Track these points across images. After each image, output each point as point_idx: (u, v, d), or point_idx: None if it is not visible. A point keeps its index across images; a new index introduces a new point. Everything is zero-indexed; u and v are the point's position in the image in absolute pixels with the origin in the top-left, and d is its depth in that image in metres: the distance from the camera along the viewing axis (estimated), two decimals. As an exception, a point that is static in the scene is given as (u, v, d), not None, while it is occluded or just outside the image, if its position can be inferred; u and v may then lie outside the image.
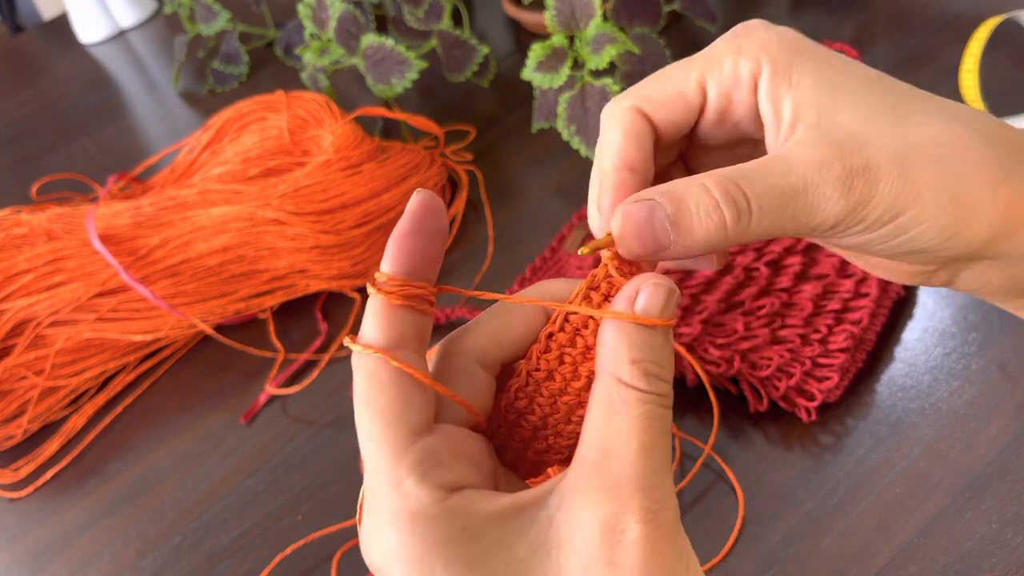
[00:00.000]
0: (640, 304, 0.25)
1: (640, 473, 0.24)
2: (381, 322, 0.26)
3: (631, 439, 0.24)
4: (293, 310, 0.69)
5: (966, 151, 0.26)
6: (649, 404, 0.25)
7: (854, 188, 0.26)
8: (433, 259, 0.27)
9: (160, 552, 0.56)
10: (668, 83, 0.29)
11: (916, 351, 0.53)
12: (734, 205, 0.26)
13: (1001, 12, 0.67)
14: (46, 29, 1.22)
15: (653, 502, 0.23)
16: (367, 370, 0.25)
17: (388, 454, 0.24)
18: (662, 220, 0.26)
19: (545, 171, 0.74)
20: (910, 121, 0.27)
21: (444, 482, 0.24)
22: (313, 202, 0.68)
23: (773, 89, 0.28)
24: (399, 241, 0.26)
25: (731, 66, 0.28)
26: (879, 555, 0.45)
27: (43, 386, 0.64)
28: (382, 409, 0.25)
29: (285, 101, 0.76)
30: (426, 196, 0.26)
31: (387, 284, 0.26)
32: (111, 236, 0.67)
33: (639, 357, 0.25)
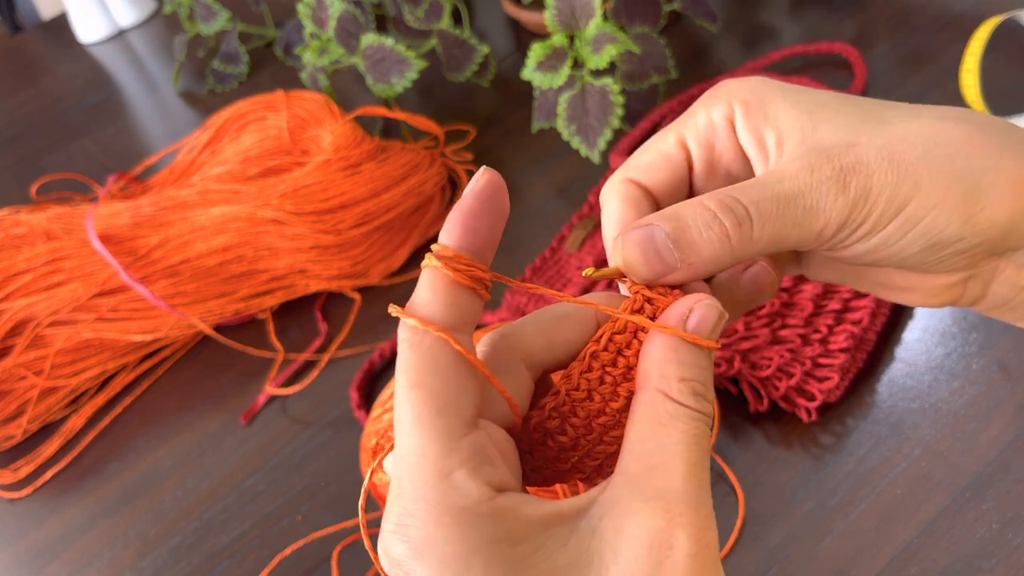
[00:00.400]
0: (692, 323, 0.25)
1: (689, 489, 0.23)
2: (443, 299, 0.25)
3: (678, 453, 0.24)
4: (293, 310, 0.69)
5: (955, 134, 0.26)
6: (696, 421, 0.24)
7: (848, 184, 0.26)
8: (495, 243, 0.26)
9: (160, 552, 0.56)
10: (651, 149, 0.30)
11: (916, 351, 0.53)
12: (732, 213, 0.26)
13: (1001, 12, 0.67)
14: (45, 29, 1.22)
15: (702, 520, 0.23)
16: (424, 348, 0.24)
17: (438, 442, 0.23)
18: (663, 240, 0.26)
19: (545, 171, 0.74)
20: (890, 123, 0.27)
21: (493, 481, 0.23)
22: (313, 202, 0.68)
23: (751, 126, 0.28)
24: (466, 219, 0.25)
25: (704, 117, 0.29)
26: (879, 555, 0.45)
27: (42, 386, 0.64)
28: (436, 393, 0.24)
29: (285, 101, 0.76)
30: (493, 175, 0.25)
31: (454, 260, 0.25)
32: (111, 236, 0.67)
33: (687, 376, 0.25)
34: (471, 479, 0.23)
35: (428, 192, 0.72)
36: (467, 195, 0.25)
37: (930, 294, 0.30)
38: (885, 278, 0.31)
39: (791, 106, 0.28)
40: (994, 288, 0.29)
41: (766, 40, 0.80)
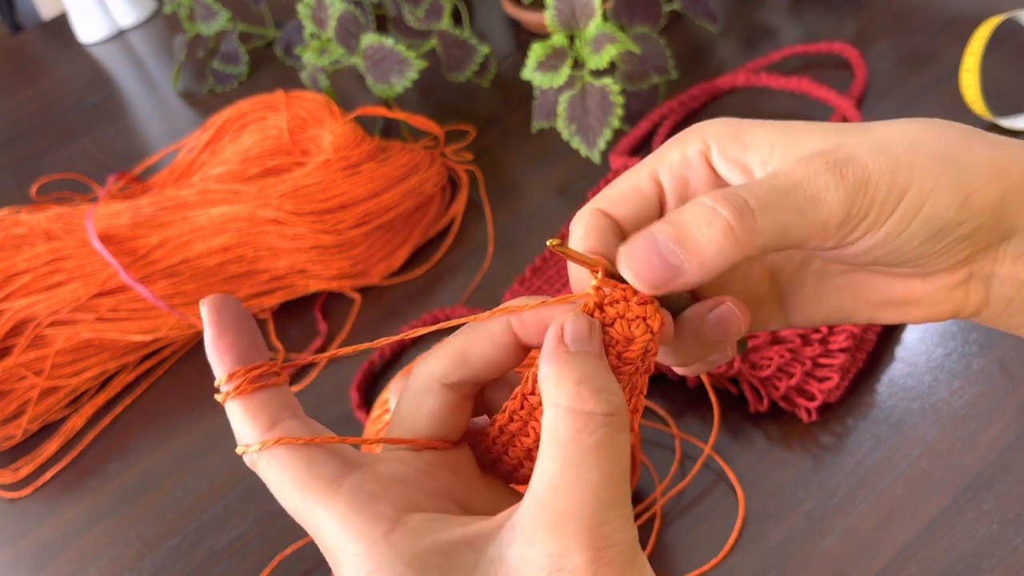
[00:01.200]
0: (568, 334, 0.25)
1: (588, 511, 0.23)
2: (247, 418, 0.27)
3: (579, 476, 0.23)
4: (293, 310, 0.69)
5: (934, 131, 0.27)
6: (600, 432, 0.24)
7: (845, 173, 0.26)
8: (252, 341, 0.27)
9: (160, 552, 0.56)
10: (623, 182, 0.30)
11: (917, 351, 0.53)
12: (731, 205, 0.25)
13: (1001, 12, 0.67)
14: (45, 29, 1.22)
15: (600, 540, 0.23)
16: (264, 463, 0.26)
17: (319, 508, 0.25)
18: (666, 244, 0.26)
19: (545, 171, 0.74)
20: (871, 129, 0.28)
21: (385, 511, 0.24)
22: (313, 202, 0.68)
23: (728, 155, 0.28)
24: (215, 347, 0.27)
25: (678, 153, 0.29)
26: (879, 555, 0.45)
27: (43, 386, 0.64)
28: (296, 481, 0.25)
29: (285, 101, 0.76)
30: (213, 300, 0.27)
31: (230, 382, 0.27)
32: (111, 236, 0.67)
33: (582, 376, 0.24)
34: (360, 519, 0.24)
35: (428, 192, 0.72)
36: (205, 328, 0.27)
37: (933, 303, 0.30)
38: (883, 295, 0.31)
39: (768, 133, 0.28)
40: (996, 287, 0.29)
41: (766, 40, 0.80)
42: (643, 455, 0.52)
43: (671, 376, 0.55)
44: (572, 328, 0.26)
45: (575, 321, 0.26)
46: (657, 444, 0.53)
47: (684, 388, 0.55)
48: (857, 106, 0.70)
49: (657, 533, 0.49)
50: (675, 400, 0.54)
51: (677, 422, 0.53)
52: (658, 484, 0.51)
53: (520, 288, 0.62)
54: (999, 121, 0.63)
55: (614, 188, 0.30)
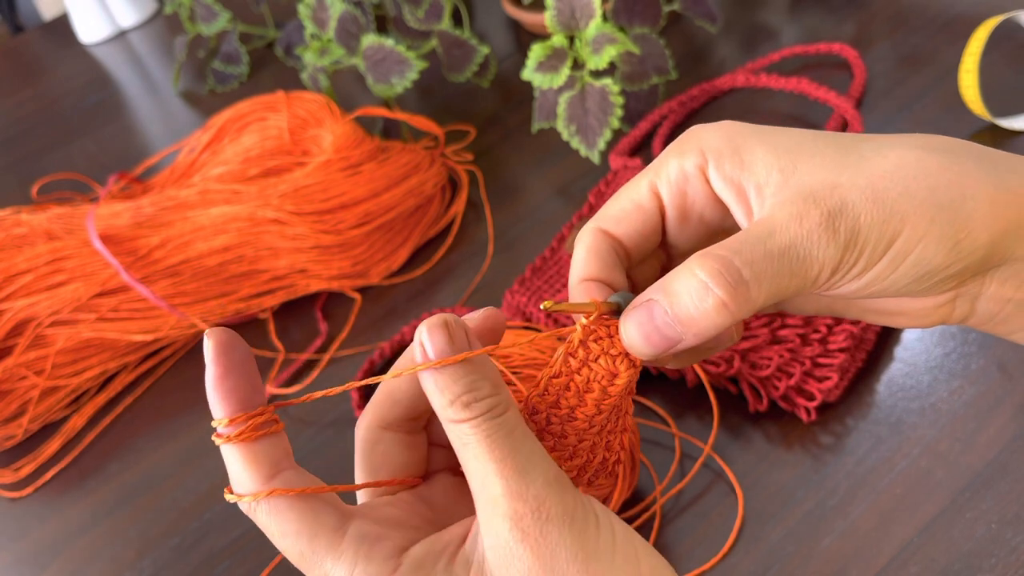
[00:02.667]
0: (431, 351, 0.27)
1: (507, 485, 0.25)
2: (247, 465, 0.27)
3: (485, 462, 0.26)
4: (293, 310, 0.69)
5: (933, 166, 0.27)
6: (483, 424, 0.26)
7: (838, 229, 0.26)
8: (255, 384, 0.27)
9: (160, 552, 0.56)
10: (623, 197, 0.31)
11: (916, 351, 0.53)
12: (725, 280, 0.26)
13: (1001, 12, 0.67)
14: (46, 29, 1.22)
15: (528, 503, 0.25)
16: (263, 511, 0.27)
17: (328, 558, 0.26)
18: (663, 317, 0.27)
19: (545, 171, 0.75)
20: (868, 158, 0.27)
21: (389, 551, 0.26)
22: (313, 202, 0.68)
23: (725, 174, 0.29)
24: (217, 386, 0.27)
25: (676, 166, 0.30)
26: (879, 555, 0.45)
27: (43, 386, 0.64)
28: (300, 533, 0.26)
29: (285, 101, 0.76)
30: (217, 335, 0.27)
31: (231, 427, 0.27)
32: (111, 236, 0.67)
33: (451, 397, 0.26)
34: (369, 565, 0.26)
35: (428, 192, 0.72)
36: (207, 364, 0.27)
37: (919, 316, 0.31)
38: (874, 305, 0.32)
39: (766, 149, 0.28)
40: (981, 304, 0.30)
41: (766, 40, 0.80)
42: (642, 455, 0.52)
43: (671, 376, 0.55)
44: (432, 346, 0.27)
45: (431, 336, 0.27)
46: (657, 444, 0.53)
47: (684, 388, 0.55)
48: (856, 107, 0.70)
49: (657, 532, 0.49)
50: (675, 400, 0.54)
51: (677, 422, 0.53)
52: (657, 484, 0.51)
53: (520, 288, 0.62)
54: (998, 121, 0.64)
55: (615, 206, 0.31)
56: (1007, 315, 0.30)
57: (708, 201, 0.30)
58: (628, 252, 0.31)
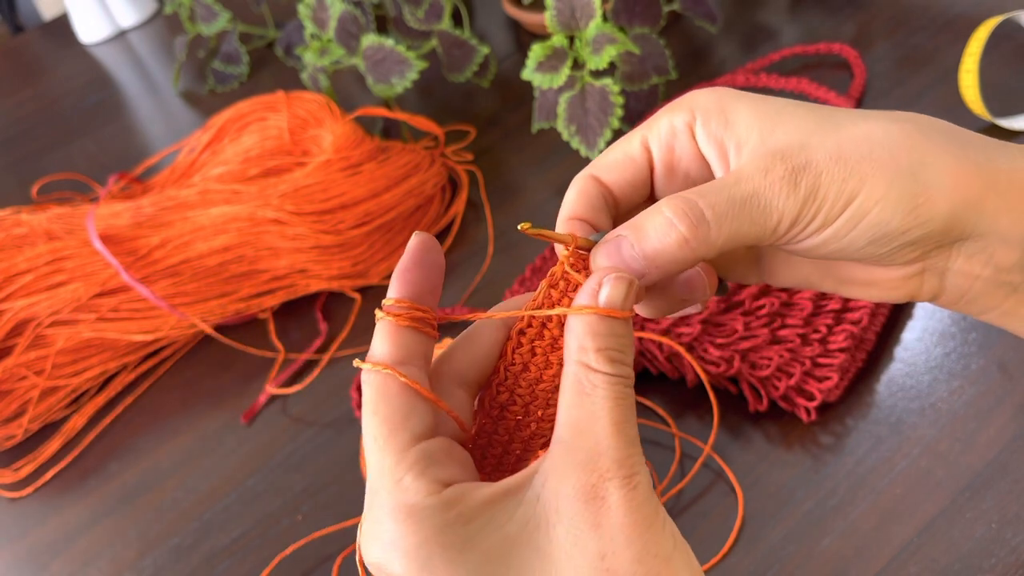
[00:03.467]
0: (603, 296, 0.28)
1: (614, 445, 0.26)
2: (388, 341, 0.29)
3: (602, 417, 0.26)
4: (293, 310, 0.69)
5: (899, 135, 0.29)
6: (616, 385, 0.27)
7: (799, 183, 0.28)
8: (434, 289, 0.30)
9: (160, 552, 0.56)
10: (616, 149, 0.33)
11: (916, 351, 0.53)
12: (688, 218, 0.28)
13: (1001, 12, 0.67)
14: (46, 29, 1.22)
15: (628, 469, 0.26)
16: (375, 383, 0.28)
17: (391, 455, 0.27)
18: (629, 250, 0.29)
19: (545, 171, 0.75)
20: (843, 126, 0.29)
21: (440, 478, 0.27)
22: (313, 202, 0.68)
23: (710, 131, 0.31)
24: (402, 274, 0.29)
25: (667, 122, 0.32)
26: (879, 555, 0.45)
27: (43, 386, 0.64)
28: (387, 417, 0.27)
29: (285, 101, 0.76)
30: (424, 236, 0.30)
31: (394, 307, 0.29)
32: (111, 236, 0.67)
33: (603, 345, 0.27)
34: (418, 480, 0.26)
35: (428, 192, 0.72)
36: (404, 255, 0.30)
37: (889, 287, 0.32)
38: (846, 274, 0.33)
39: (750, 112, 0.30)
40: (950, 279, 0.31)
41: (766, 41, 0.80)
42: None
43: (671, 376, 0.55)
44: (609, 291, 0.28)
45: (615, 285, 0.28)
46: (657, 443, 0.53)
47: (684, 388, 0.55)
48: (856, 107, 0.70)
49: (657, 533, 0.49)
50: (675, 400, 0.54)
51: (676, 422, 0.53)
52: (657, 484, 0.51)
53: (520, 288, 0.62)
54: (998, 121, 0.64)
55: (608, 156, 0.33)
56: (977, 293, 0.31)
57: (693, 158, 0.32)
58: (616, 200, 0.33)
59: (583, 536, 0.25)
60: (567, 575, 0.25)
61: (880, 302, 0.42)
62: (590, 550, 0.25)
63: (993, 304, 0.31)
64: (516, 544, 0.26)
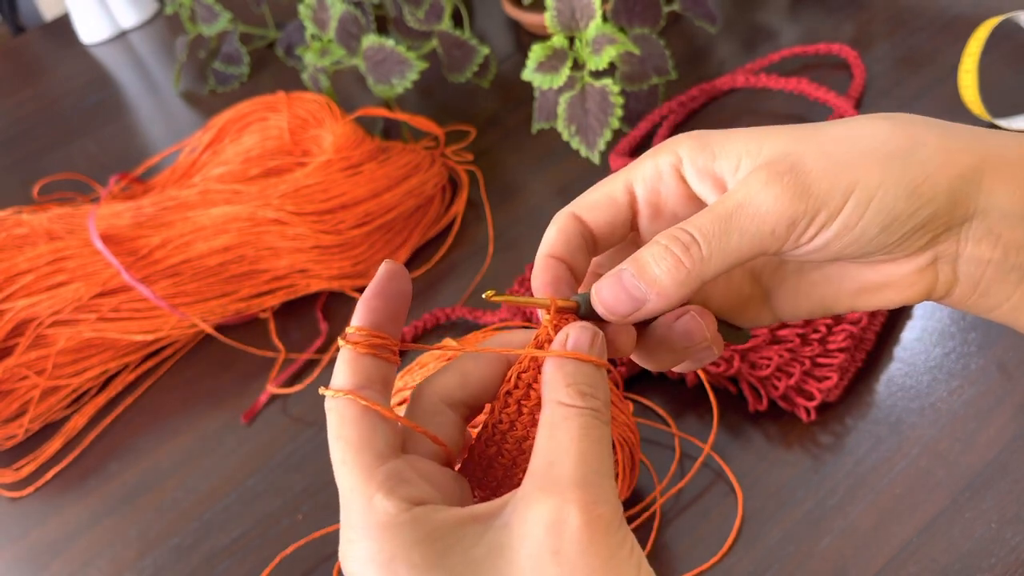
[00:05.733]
0: (570, 343, 0.30)
1: (578, 474, 0.27)
2: (348, 368, 0.30)
3: (569, 447, 0.27)
4: (294, 310, 0.69)
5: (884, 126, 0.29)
6: (584, 417, 0.28)
7: (785, 183, 0.29)
8: (396, 317, 0.31)
9: (160, 552, 0.56)
10: (599, 190, 0.33)
11: (915, 351, 0.53)
12: (678, 242, 0.29)
13: (1000, 12, 0.67)
14: (47, 29, 1.23)
15: (589, 496, 0.26)
16: (338, 409, 0.29)
17: (359, 475, 0.28)
18: (630, 279, 0.30)
19: (545, 171, 0.75)
20: (825, 130, 0.30)
21: (409, 497, 0.27)
22: (314, 202, 0.68)
23: (699, 168, 0.31)
24: (366, 302, 0.30)
25: (652, 165, 0.32)
26: (878, 555, 0.45)
27: (44, 386, 0.64)
28: (351, 439, 0.28)
29: (286, 101, 0.76)
30: (392, 264, 0.31)
31: (354, 335, 0.30)
32: (112, 236, 0.67)
33: (571, 381, 0.29)
34: (388, 498, 0.27)
35: (428, 192, 0.72)
36: (370, 283, 0.31)
37: (905, 285, 0.32)
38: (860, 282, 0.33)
39: (735, 140, 0.31)
40: (963, 268, 0.31)
41: (765, 41, 0.81)
42: (642, 454, 0.52)
43: (671, 376, 0.55)
44: (574, 338, 0.30)
45: (578, 332, 0.30)
46: (656, 443, 0.53)
47: (683, 388, 0.55)
48: (856, 107, 0.70)
49: (656, 532, 0.49)
50: (674, 400, 0.54)
51: (676, 421, 0.53)
52: (657, 483, 0.51)
53: (520, 288, 0.62)
54: (998, 122, 0.64)
55: (590, 196, 0.33)
56: (989, 281, 0.31)
57: (680, 198, 0.32)
58: (596, 240, 0.33)
59: (543, 562, 0.26)
60: None
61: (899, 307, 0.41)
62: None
63: (1005, 295, 0.31)
64: (480, 567, 0.26)
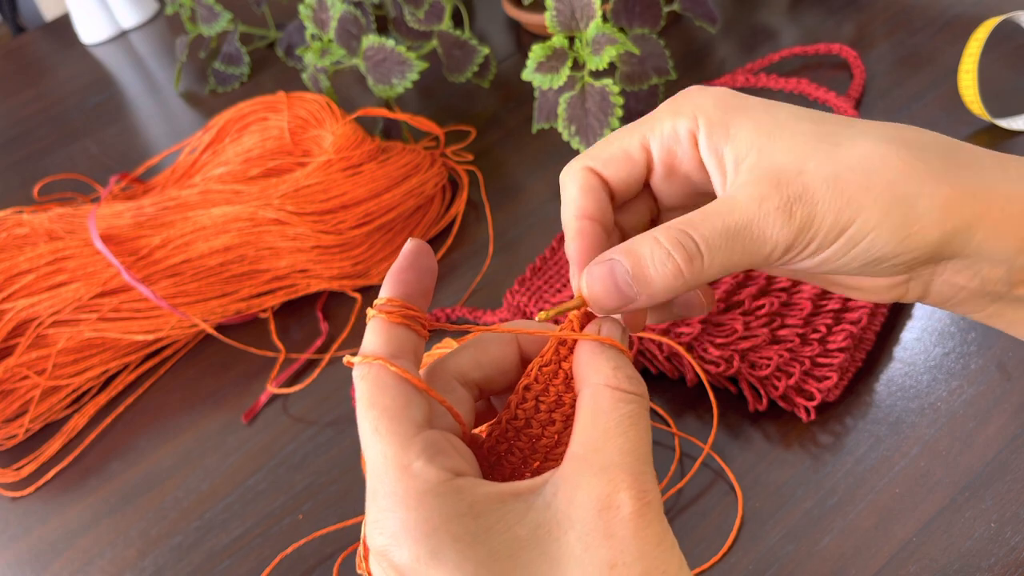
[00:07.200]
0: (604, 332, 0.30)
1: (628, 462, 0.26)
2: (381, 337, 0.29)
3: (618, 436, 0.27)
4: (294, 310, 0.69)
5: (896, 161, 0.29)
6: (632, 404, 0.28)
7: (795, 213, 0.28)
8: (425, 292, 0.30)
9: (161, 551, 0.56)
10: (614, 144, 0.33)
11: (915, 351, 0.53)
12: (683, 249, 0.29)
13: (1000, 12, 0.67)
14: (48, 30, 1.23)
15: (640, 482, 0.26)
16: (371, 376, 0.28)
17: (396, 444, 0.26)
18: (623, 275, 0.29)
19: (545, 171, 0.75)
20: (842, 145, 0.29)
21: (448, 467, 0.26)
22: (314, 202, 0.68)
23: (712, 143, 0.31)
24: (396, 274, 0.30)
25: (670, 126, 0.31)
26: (878, 554, 0.45)
27: (45, 386, 0.65)
28: (387, 407, 0.27)
29: (286, 102, 0.76)
30: (419, 241, 0.31)
31: (386, 305, 0.29)
32: (112, 236, 0.67)
33: (618, 365, 0.29)
34: (428, 465, 0.26)
35: (429, 192, 0.72)
36: (398, 257, 0.30)
37: (876, 292, 0.33)
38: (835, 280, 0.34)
39: (752, 126, 0.30)
40: (935, 287, 0.31)
41: (765, 41, 0.81)
42: (642, 454, 0.52)
43: (670, 375, 0.55)
44: (608, 328, 0.30)
45: (611, 325, 0.30)
46: (656, 443, 0.53)
47: (683, 388, 0.55)
48: (855, 107, 0.70)
49: (656, 532, 0.49)
50: (674, 399, 0.55)
51: (676, 421, 0.54)
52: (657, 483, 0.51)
53: (520, 288, 0.62)
54: (997, 122, 0.64)
55: (605, 150, 0.33)
56: (961, 300, 0.31)
57: (694, 164, 0.32)
58: (612, 193, 0.33)
59: (594, 544, 0.25)
60: None
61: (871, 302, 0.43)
62: (600, 558, 0.25)
63: (978, 308, 0.32)
64: (524, 546, 0.25)
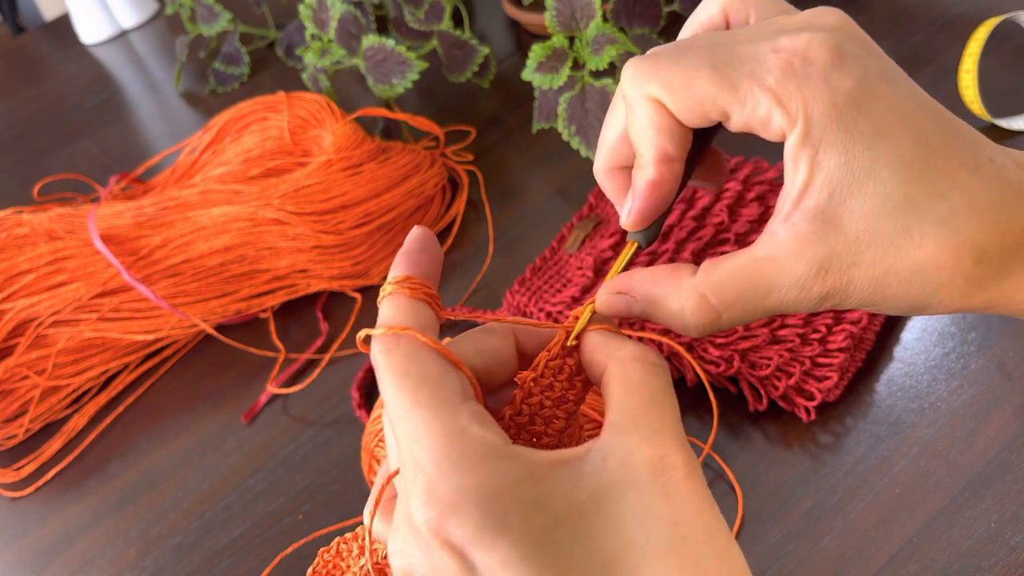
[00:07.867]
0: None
1: (671, 429, 0.27)
2: (404, 311, 0.28)
3: (656, 406, 0.27)
4: (294, 310, 0.69)
5: (946, 275, 0.27)
6: (663, 376, 0.28)
7: (825, 302, 0.29)
8: (435, 275, 0.30)
9: (161, 551, 0.56)
10: (691, 87, 0.28)
11: (915, 351, 0.53)
12: (704, 314, 0.29)
13: (1001, 12, 0.67)
14: (48, 30, 1.23)
15: (688, 448, 0.27)
16: (401, 348, 0.26)
17: (442, 411, 0.25)
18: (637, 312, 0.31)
19: (545, 171, 0.75)
20: (911, 237, 0.27)
21: (500, 434, 0.26)
22: (314, 202, 0.68)
23: (797, 157, 0.27)
24: (408, 255, 0.29)
25: (766, 109, 0.27)
26: (878, 554, 0.45)
27: (44, 386, 0.65)
28: (425, 377, 0.26)
29: (286, 101, 0.76)
30: (424, 229, 0.30)
31: (405, 282, 0.28)
32: (112, 236, 0.67)
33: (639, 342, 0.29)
34: (484, 429, 0.25)
35: (429, 192, 0.72)
36: (407, 241, 0.30)
37: None
38: None
39: (841, 163, 0.27)
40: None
41: (766, 41, 0.80)
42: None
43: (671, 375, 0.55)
44: None
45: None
46: (657, 443, 0.53)
47: (683, 387, 0.55)
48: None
49: (656, 532, 0.49)
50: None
51: (676, 421, 0.53)
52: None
53: (520, 288, 0.62)
54: (998, 122, 0.64)
55: (680, 82, 0.28)
56: None
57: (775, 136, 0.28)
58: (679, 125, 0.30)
59: (654, 504, 0.25)
60: (640, 541, 0.25)
61: None
62: (663, 517, 0.25)
63: None
64: (585, 511, 0.25)
